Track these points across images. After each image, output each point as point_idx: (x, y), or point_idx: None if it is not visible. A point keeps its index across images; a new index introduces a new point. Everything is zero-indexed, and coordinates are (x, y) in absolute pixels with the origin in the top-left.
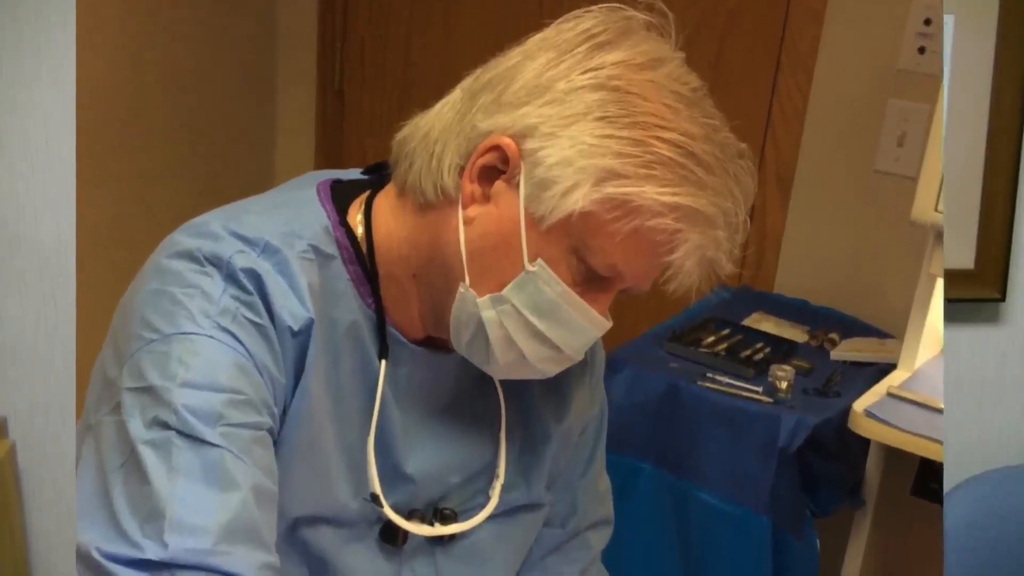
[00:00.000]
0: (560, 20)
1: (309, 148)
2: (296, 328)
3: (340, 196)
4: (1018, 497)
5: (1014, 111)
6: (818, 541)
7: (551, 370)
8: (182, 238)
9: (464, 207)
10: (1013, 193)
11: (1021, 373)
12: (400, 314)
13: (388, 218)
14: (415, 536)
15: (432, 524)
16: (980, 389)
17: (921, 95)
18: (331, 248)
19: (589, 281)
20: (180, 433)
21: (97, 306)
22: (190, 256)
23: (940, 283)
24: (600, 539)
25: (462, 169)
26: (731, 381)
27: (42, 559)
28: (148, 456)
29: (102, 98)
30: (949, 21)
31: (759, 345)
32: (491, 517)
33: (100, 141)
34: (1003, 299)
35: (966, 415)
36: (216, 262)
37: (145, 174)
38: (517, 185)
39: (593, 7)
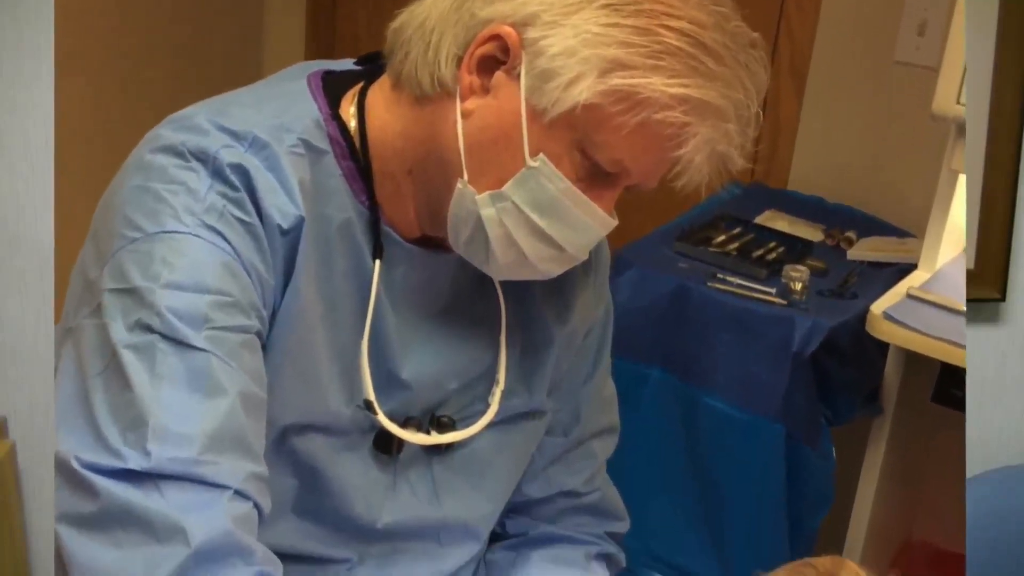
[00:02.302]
0: None
1: (299, 36)
2: (286, 226)
3: (332, 88)
4: (1018, 497)
5: (1014, 111)
6: (834, 450)
7: (553, 271)
8: (166, 132)
9: (462, 99)
10: (1013, 193)
11: (1021, 373)
12: (395, 212)
13: (382, 111)
14: (410, 445)
15: (428, 432)
16: (980, 389)
17: None
18: (322, 142)
19: (593, 177)
20: (164, 337)
21: None
22: (174, 151)
23: (962, 179)
24: (605, 448)
25: (460, 60)
26: (742, 282)
27: (42, 559)
28: (130, 361)
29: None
30: None
31: (772, 244)
32: (490, 425)
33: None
34: (1003, 299)
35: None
36: (202, 157)
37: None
38: (518, 77)
39: None
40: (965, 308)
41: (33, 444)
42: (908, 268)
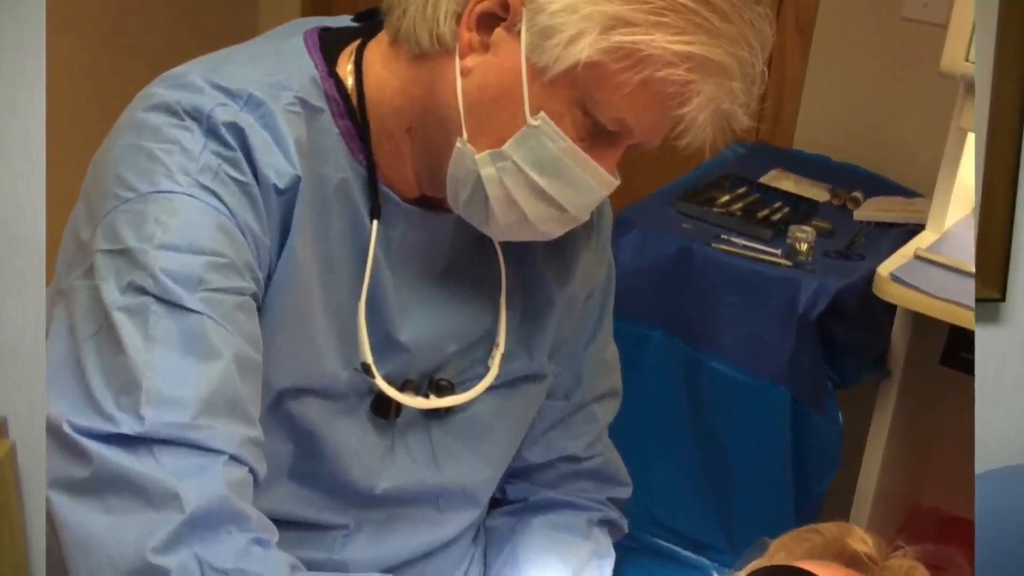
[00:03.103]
0: None
1: None
2: (281, 186)
3: (329, 45)
4: (1018, 497)
5: (1014, 111)
6: (840, 414)
7: (554, 231)
8: (159, 90)
9: (462, 57)
10: (1013, 193)
11: (1021, 373)
12: (393, 171)
13: (380, 69)
14: (409, 409)
15: (427, 396)
16: (980, 389)
17: None
18: (319, 100)
19: (595, 136)
20: (158, 299)
21: None
22: (168, 109)
23: (971, 138)
24: (607, 412)
25: (459, 16)
26: (747, 243)
27: (42, 559)
28: (123, 323)
29: None
30: None
31: (777, 204)
32: (490, 389)
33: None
34: (1003, 299)
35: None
36: (196, 115)
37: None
38: (518, 33)
39: None
40: (974, 269)
41: (33, 444)
42: (916, 229)
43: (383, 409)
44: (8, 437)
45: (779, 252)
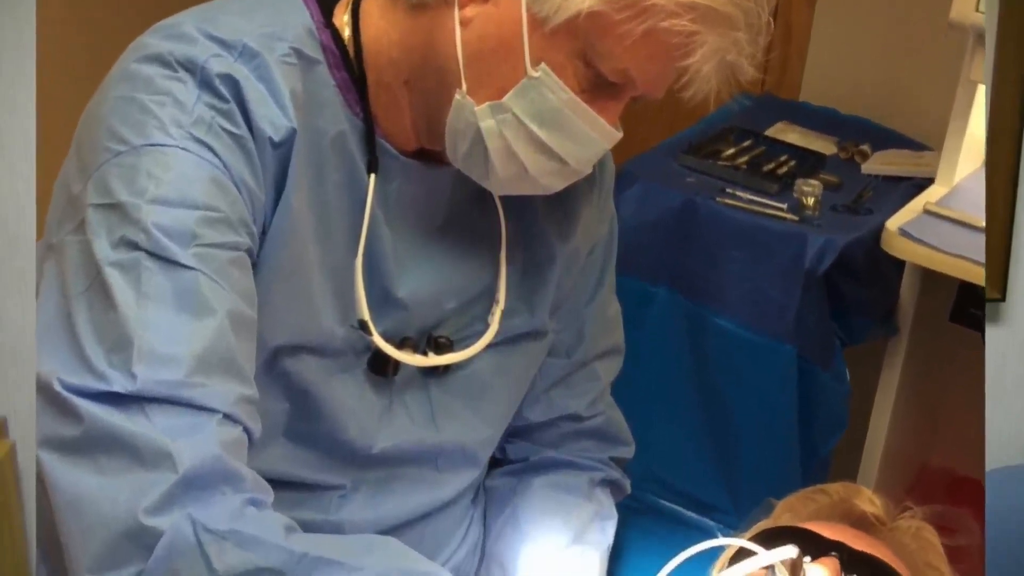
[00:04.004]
0: None
1: None
2: (277, 139)
3: None
4: (1018, 497)
5: (1014, 111)
6: (847, 372)
7: (555, 185)
8: (152, 40)
9: (461, 7)
10: (1013, 193)
11: (1021, 373)
12: (391, 124)
13: (377, 19)
14: (407, 367)
15: (426, 354)
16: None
17: None
18: (315, 52)
19: (597, 88)
20: (150, 254)
21: None
22: (161, 60)
23: (981, 90)
24: (609, 370)
25: None
26: (752, 197)
27: None
28: (115, 279)
29: None
30: None
31: (783, 158)
32: (490, 346)
33: None
34: (1003, 299)
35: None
36: (189, 67)
37: None
38: None
39: None
40: (984, 224)
41: (33, 444)
42: (925, 182)
43: (381, 367)
44: (8, 437)
45: (785, 206)
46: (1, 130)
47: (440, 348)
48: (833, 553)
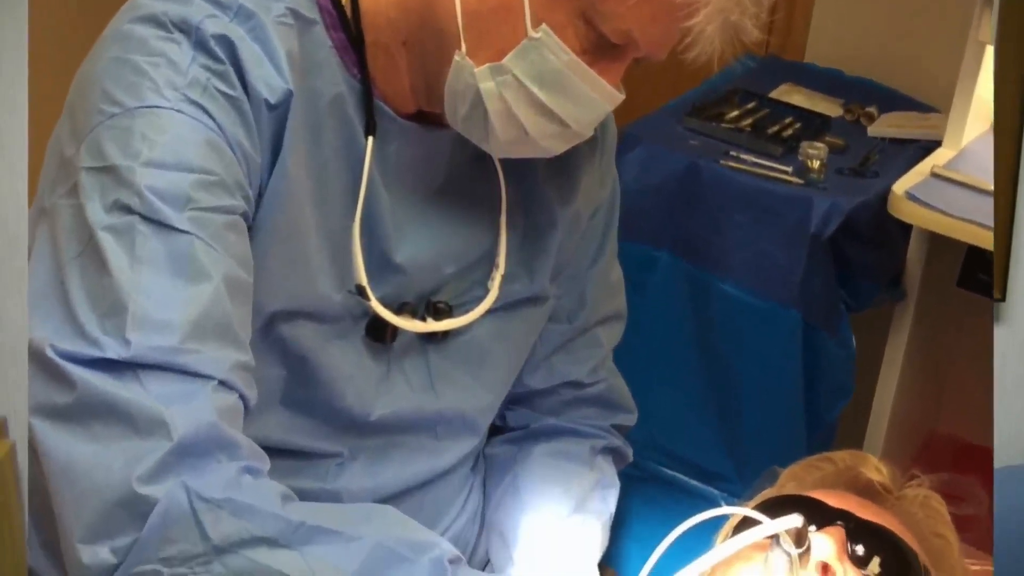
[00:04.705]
0: None
1: None
2: (273, 101)
3: None
4: (1018, 497)
5: (1014, 111)
6: (853, 338)
7: (557, 148)
8: (146, 0)
9: None
10: (1013, 193)
11: (1021, 373)
12: (389, 85)
13: None
14: (405, 333)
15: (424, 319)
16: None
17: None
18: (312, 12)
19: (599, 49)
20: (144, 218)
21: None
22: (155, 20)
23: (989, 51)
24: (611, 335)
25: None
26: (757, 160)
27: None
28: (109, 243)
29: None
30: None
31: (788, 120)
32: (490, 311)
33: None
34: (1003, 299)
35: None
36: (184, 27)
37: None
38: None
39: None
40: (993, 188)
41: None
42: (932, 145)
43: (378, 333)
44: (8, 437)
45: (790, 169)
46: (1, 130)
47: (439, 314)
48: (839, 522)
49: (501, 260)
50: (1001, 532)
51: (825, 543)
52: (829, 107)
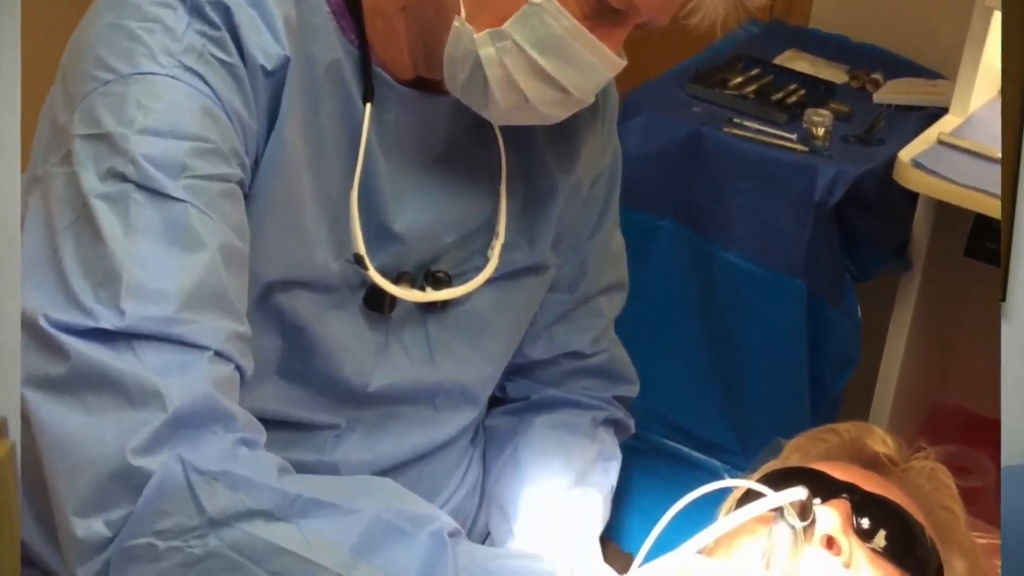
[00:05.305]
0: None
1: None
2: (270, 67)
3: None
4: (1018, 497)
5: (1015, 111)
6: (859, 308)
7: (557, 115)
8: None
9: None
10: (1013, 193)
11: (1021, 373)
12: (387, 52)
13: None
14: (403, 303)
15: (423, 289)
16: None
17: None
18: None
19: (600, 14)
20: (139, 186)
21: None
22: None
23: (997, 16)
24: (613, 305)
25: None
26: (761, 127)
27: None
28: (103, 212)
29: None
30: None
31: (792, 87)
32: (490, 281)
33: None
34: (1003, 299)
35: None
36: None
37: None
38: None
39: None
40: (1000, 155)
41: None
42: (939, 112)
43: (377, 303)
44: (8, 437)
45: (794, 137)
46: (1, 130)
47: (438, 283)
48: (844, 495)
49: (501, 229)
50: (1008, 533)
51: (830, 516)
52: (834, 73)
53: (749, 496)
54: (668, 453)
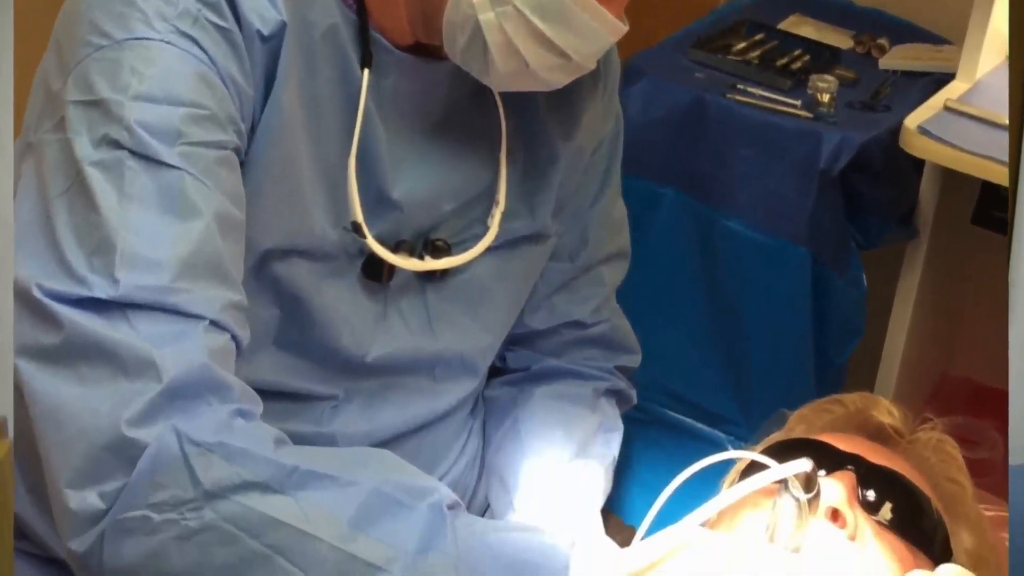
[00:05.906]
0: None
1: None
2: (266, 32)
3: None
4: (1018, 497)
5: (1015, 110)
6: (864, 277)
7: (558, 81)
8: None
9: None
10: (1013, 193)
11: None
12: (385, 16)
13: None
14: (402, 271)
15: (422, 257)
16: None
17: None
18: None
19: None
20: (133, 153)
21: None
22: None
23: None
24: (615, 274)
25: None
26: (764, 93)
27: None
28: (97, 179)
29: None
30: None
31: (797, 52)
32: (489, 249)
33: None
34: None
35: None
36: None
37: None
38: None
39: None
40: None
41: None
42: (945, 78)
43: (375, 272)
44: (8, 437)
45: (799, 103)
46: (1, 130)
47: (437, 252)
48: (849, 467)
49: (501, 196)
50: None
51: (835, 488)
52: (839, 39)
53: (753, 468)
54: (670, 424)
